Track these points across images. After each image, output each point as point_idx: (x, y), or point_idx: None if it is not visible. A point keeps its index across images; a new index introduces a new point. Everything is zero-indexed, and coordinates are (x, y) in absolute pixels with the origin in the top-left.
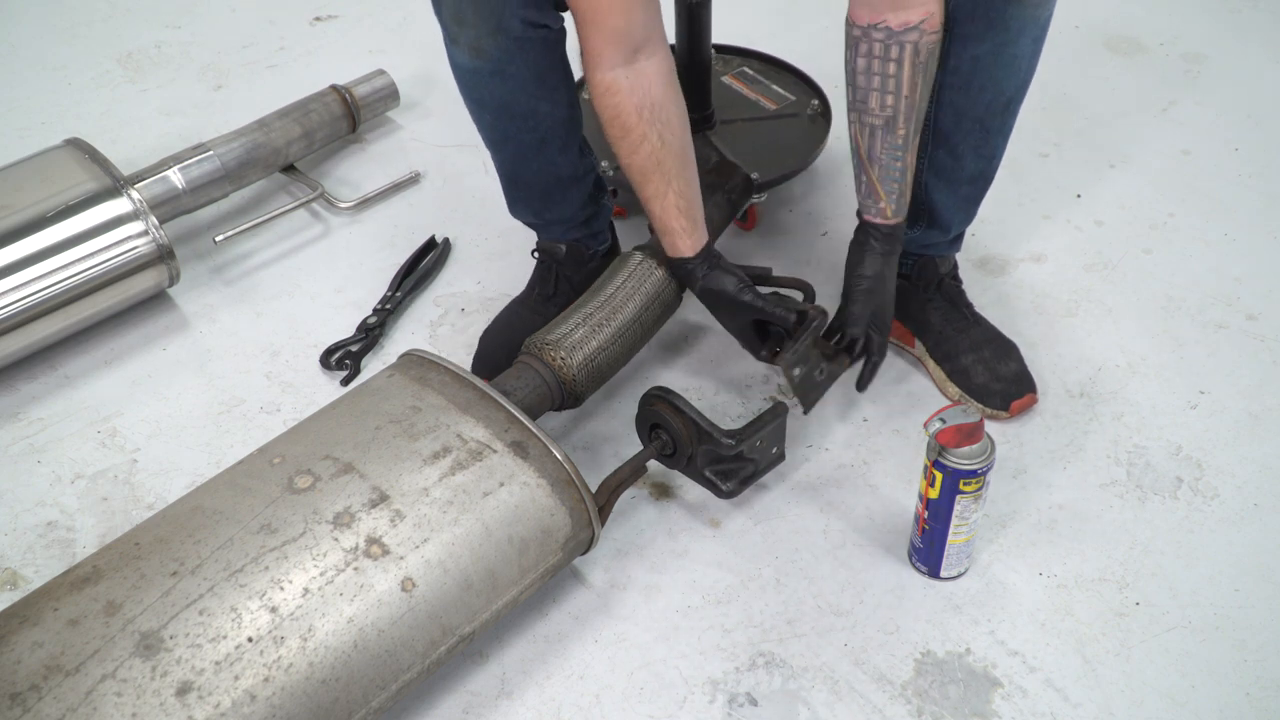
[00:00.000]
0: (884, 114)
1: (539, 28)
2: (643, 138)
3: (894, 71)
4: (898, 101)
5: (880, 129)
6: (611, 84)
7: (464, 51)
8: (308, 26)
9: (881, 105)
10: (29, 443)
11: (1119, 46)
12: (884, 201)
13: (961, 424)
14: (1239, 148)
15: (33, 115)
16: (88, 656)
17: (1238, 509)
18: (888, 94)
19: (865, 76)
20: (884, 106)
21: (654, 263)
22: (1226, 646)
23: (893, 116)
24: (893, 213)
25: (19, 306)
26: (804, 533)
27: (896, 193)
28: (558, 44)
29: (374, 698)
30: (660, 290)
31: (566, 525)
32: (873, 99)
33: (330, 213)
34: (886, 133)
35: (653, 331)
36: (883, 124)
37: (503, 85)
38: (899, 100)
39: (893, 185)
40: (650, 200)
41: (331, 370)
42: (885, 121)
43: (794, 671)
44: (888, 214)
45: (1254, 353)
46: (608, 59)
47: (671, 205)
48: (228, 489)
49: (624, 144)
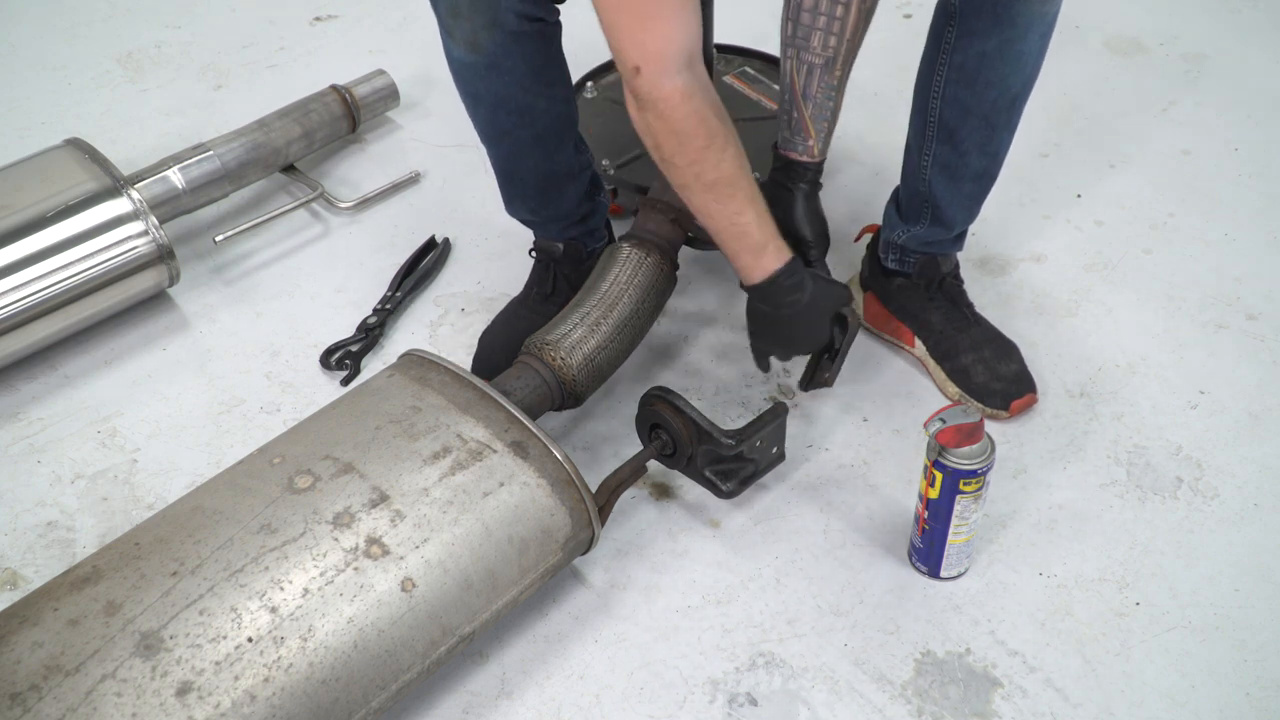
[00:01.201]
0: (825, 54)
1: (535, 21)
2: (727, 138)
3: (840, 14)
4: (840, 44)
5: (820, 68)
6: (687, 88)
7: (460, 46)
8: (308, 26)
9: (824, 45)
10: (29, 443)
11: (1119, 46)
12: (813, 139)
13: (961, 424)
14: (1239, 148)
15: (33, 115)
16: (88, 656)
17: (1238, 509)
18: (831, 35)
19: (811, 15)
20: (826, 47)
21: (642, 252)
22: (1226, 646)
23: (833, 58)
24: (819, 151)
25: (19, 306)
26: (804, 533)
27: (825, 131)
28: (554, 38)
29: (374, 698)
30: (654, 279)
31: (566, 525)
32: (815, 38)
33: (330, 213)
34: (825, 72)
35: (651, 321)
36: (822, 64)
37: (499, 80)
38: (841, 42)
39: (823, 124)
40: (741, 212)
41: (331, 370)
42: (825, 62)
43: (794, 671)
44: (814, 152)
45: (1254, 353)
46: (675, 62)
47: (763, 209)
48: (228, 489)
49: (709, 153)
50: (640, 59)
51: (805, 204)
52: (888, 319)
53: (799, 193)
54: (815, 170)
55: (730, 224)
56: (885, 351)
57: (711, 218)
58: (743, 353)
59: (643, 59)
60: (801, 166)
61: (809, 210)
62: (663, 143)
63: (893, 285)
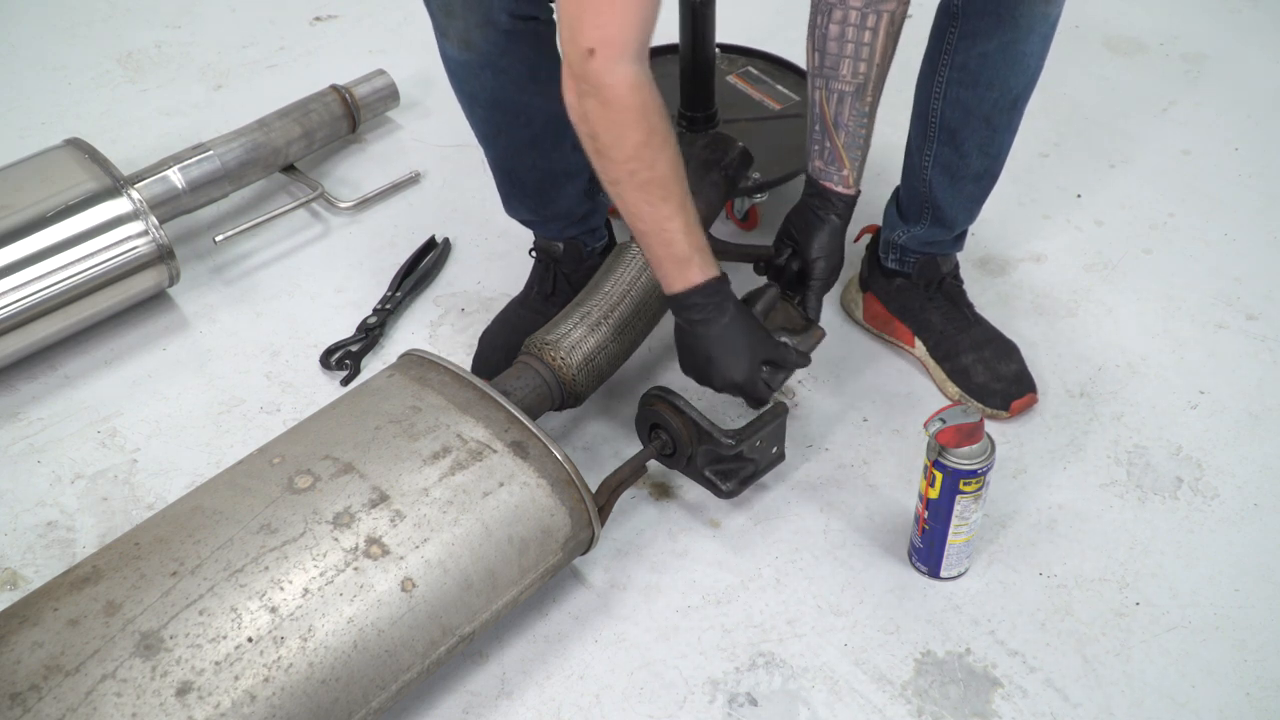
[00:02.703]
0: (855, 81)
1: (528, 19)
2: (665, 139)
3: (869, 40)
4: (869, 69)
5: (850, 95)
6: (637, 79)
7: (453, 44)
8: (308, 26)
9: (854, 73)
10: (29, 443)
11: (1119, 46)
12: (848, 169)
13: (961, 424)
14: (1239, 148)
15: (33, 115)
16: (88, 656)
17: (1238, 509)
18: (860, 61)
19: (838, 44)
20: (855, 74)
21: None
22: (1226, 646)
23: (863, 84)
24: (854, 181)
25: (19, 306)
26: (804, 533)
27: (859, 160)
28: (548, 37)
29: (374, 698)
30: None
31: (566, 525)
32: (844, 66)
33: (330, 213)
34: (856, 99)
35: (654, 323)
36: (853, 91)
37: (494, 79)
38: (870, 68)
39: (856, 153)
40: (670, 218)
41: (331, 370)
42: (855, 89)
43: (794, 671)
44: (850, 182)
45: (1254, 353)
46: (631, 50)
47: (694, 219)
48: (227, 489)
49: (648, 150)
50: (598, 41)
51: (829, 235)
52: (888, 319)
53: (827, 223)
54: (848, 203)
55: (659, 229)
56: (885, 351)
57: (640, 219)
58: None
59: (601, 42)
60: (835, 196)
61: (830, 243)
62: (600, 132)
63: (893, 285)
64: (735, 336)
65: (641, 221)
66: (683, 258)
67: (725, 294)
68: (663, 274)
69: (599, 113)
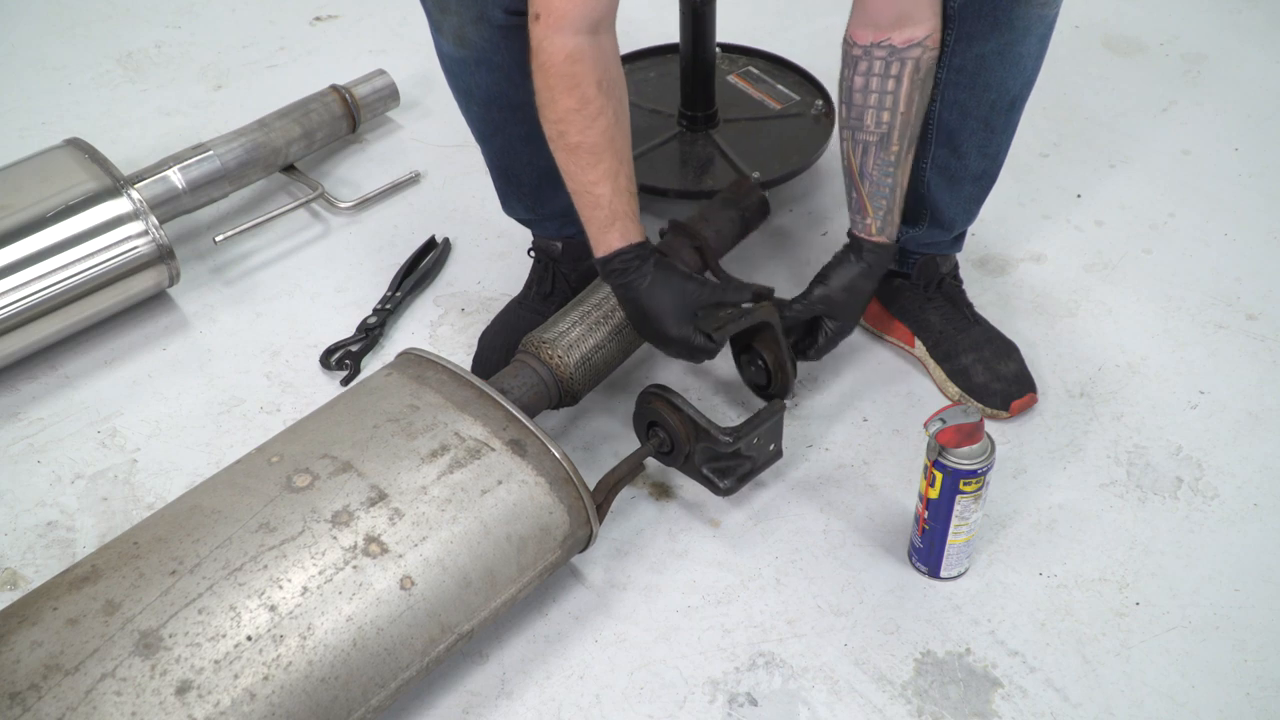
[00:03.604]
0: (879, 130)
1: (522, 15)
2: (600, 110)
3: (893, 88)
4: (894, 118)
5: (874, 145)
6: (575, 50)
7: (448, 40)
8: (308, 26)
9: (877, 122)
10: (29, 443)
11: (1119, 46)
12: (870, 218)
13: (961, 424)
14: (1239, 148)
15: (33, 115)
16: (87, 656)
17: (1238, 509)
18: (884, 110)
19: (863, 94)
20: (879, 123)
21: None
22: (1226, 646)
23: (887, 133)
24: (878, 229)
25: (19, 306)
26: (804, 533)
27: (884, 209)
28: None
29: (373, 696)
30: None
31: (565, 523)
32: (869, 116)
33: (330, 213)
34: (880, 149)
35: None
36: (877, 140)
37: (489, 76)
38: (895, 116)
39: (881, 202)
40: (597, 183)
41: (331, 370)
42: (880, 138)
43: (794, 671)
44: (872, 231)
45: (1254, 353)
46: (572, 23)
47: (624, 188)
48: (226, 488)
49: (579, 117)
50: (544, 8)
51: (849, 276)
52: (888, 319)
53: (851, 265)
54: (875, 250)
55: (585, 191)
56: (885, 352)
57: (570, 179)
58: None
59: (546, 9)
60: (864, 244)
61: (848, 285)
62: (539, 90)
63: (892, 286)
64: (659, 294)
65: (571, 180)
66: (605, 222)
67: (644, 257)
68: (590, 237)
69: (538, 74)
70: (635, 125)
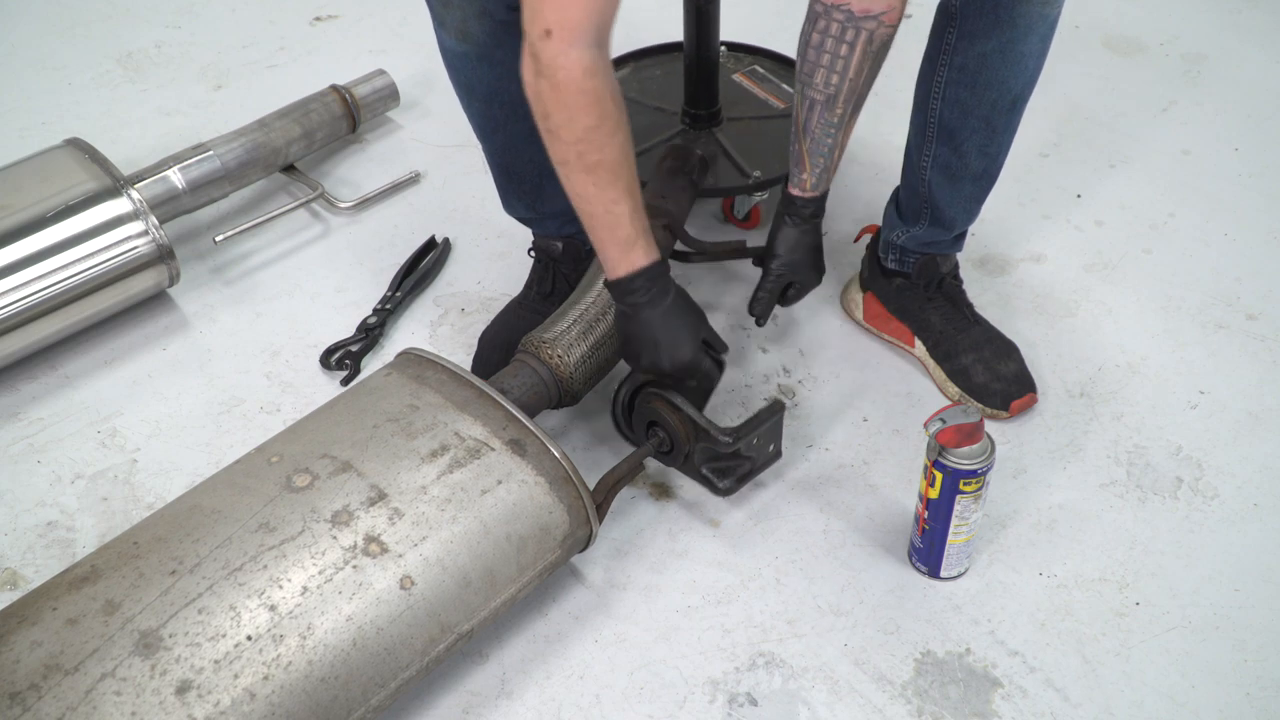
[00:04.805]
0: (826, 91)
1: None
2: (617, 124)
3: (844, 53)
4: (842, 82)
5: (820, 104)
6: (592, 64)
7: (451, 34)
8: (308, 26)
9: (826, 83)
10: (29, 443)
11: (1119, 46)
12: (807, 173)
13: (961, 424)
14: (1239, 148)
15: (33, 115)
16: (87, 655)
17: (1238, 509)
18: (834, 73)
19: (816, 52)
20: (828, 84)
21: None
22: (1226, 646)
23: (834, 95)
24: (812, 185)
25: (19, 306)
26: (804, 533)
27: (821, 167)
28: None
29: (373, 695)
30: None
31: (564, 523)
32: (819, 75)
33: (330, 213)
34: (825, 109)
35: None
36: (823, 100)
37: (490, 71)
38: (844, 81)
39: (819, 159)
40: (618, 200)
41: (331, 370)
42: (826, 99)
43: (794, 671)
44: (807, 186)
45: (1254, 353)
46: (586, 35)
47: (640, 203)
48: (226, 488)
49: (598, 134)
50: (556, 23)
51: (792, 239)
52: (888, 319)
53: (789, 227)
54: (808, 205)
55: (605, 211)
56: (885, 351)
57: (587, 201)
58: (740, 351)
59: (558, 23)
60: (797, 201)
61: (794, 246)
62: (552, 112)
63: (892, 285)
64: (679, 317)
65: (588, 204)
66: (627, 241)
67: (666, 277)
68: (607, 259)
69: (551, 94)
70: (638, 123)
